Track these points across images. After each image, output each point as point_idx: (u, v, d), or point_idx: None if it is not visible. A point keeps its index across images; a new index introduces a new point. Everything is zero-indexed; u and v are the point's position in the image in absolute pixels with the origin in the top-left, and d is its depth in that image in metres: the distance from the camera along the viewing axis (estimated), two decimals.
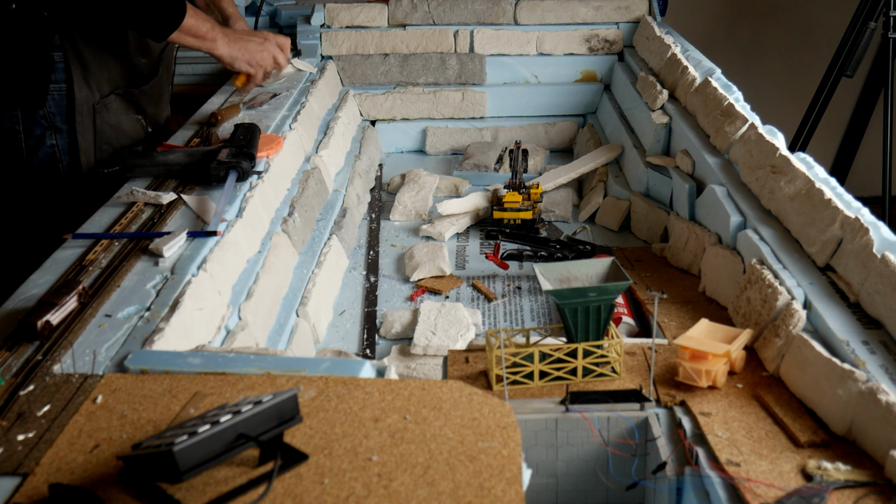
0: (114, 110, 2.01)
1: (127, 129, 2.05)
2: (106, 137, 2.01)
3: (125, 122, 2.04)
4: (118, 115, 2.02)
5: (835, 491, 0.91)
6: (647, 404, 1.11)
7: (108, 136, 2.01)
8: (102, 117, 1.99)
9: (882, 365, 1.06)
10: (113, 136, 2.02)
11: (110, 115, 2.01)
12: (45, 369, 1.04)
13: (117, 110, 2.02)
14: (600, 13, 2.64)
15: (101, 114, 1.99)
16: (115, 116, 2.02)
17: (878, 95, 3.69)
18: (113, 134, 2.02)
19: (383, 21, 2.65)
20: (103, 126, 2.00)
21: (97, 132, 1.99)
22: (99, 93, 1.98)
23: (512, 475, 0.83)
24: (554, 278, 1.23)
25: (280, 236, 1.59)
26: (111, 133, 2.02)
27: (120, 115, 2.03)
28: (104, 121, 2.00)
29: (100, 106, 1.98)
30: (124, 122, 2.04)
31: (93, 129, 1.98)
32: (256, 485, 0.82)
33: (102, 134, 2.00)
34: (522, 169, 2.13)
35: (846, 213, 1.27)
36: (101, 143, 2.00)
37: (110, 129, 2.01)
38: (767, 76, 3.87)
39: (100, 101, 1.98)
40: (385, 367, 1.05)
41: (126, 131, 2.05)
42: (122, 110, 2.03)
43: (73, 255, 1.34)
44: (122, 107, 2.03)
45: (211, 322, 1.24)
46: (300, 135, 2.02)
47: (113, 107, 2.01)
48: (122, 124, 2.04)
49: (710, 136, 1.81)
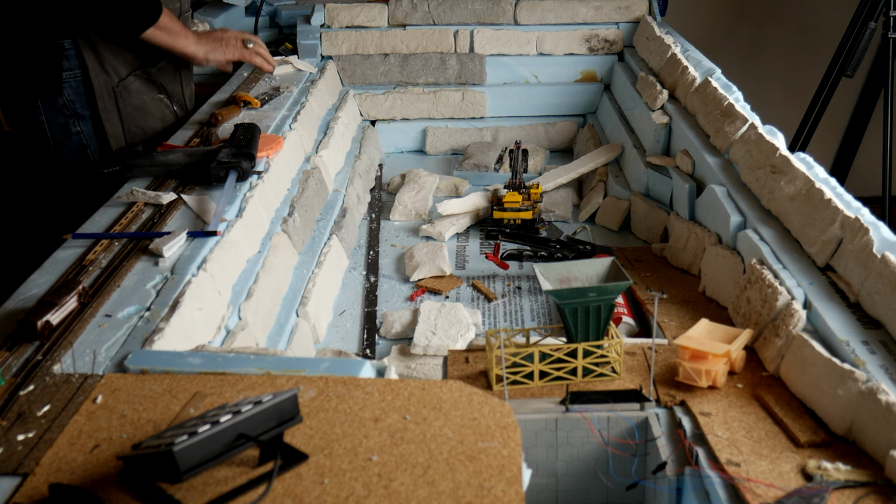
0: (135, 91, 2.03)
1: (152, 109, 2.07)
2: (133, 119, 2.03)
3: (148, 102, 2.06)
4: (140, 95, 2.04)
5: (835, 491, 0.91)
6: (647, 404, 1.11)
7: (135, 118, 2.03)
8: (125, 99, 2.01)
9: (882, 365, 1.06)
10: (140, 118, 2.04)
11: (132, 97, 2.03)
12: (45, 369, 1.04)
13: (139, 91, 2.04)
14: (600, 13, 2.64)
15: (123, 96, 2.01)
16: (137, 97, 2.04)
17: (878, 95, 3.69)
18: (139, 115, 2.04)
19: (383, 21, 2.65)
20: (127, 108, 2.02)
21: (122, 115, 2.01)
22: (117, 76, 2.00)
23: (512, 475, 0.83)
24: (554, 278, 1.23)
25: (280, 236, 1.59)
26: (137, 115, 2.04)
27: (142, 95, 2.05)
28: (127, 103, 2.02)
29: (119, 88, 2.00)
30: (147, 102, 2.06)
31: (117, 112, 2.00)
32: (256, 485, 0.82)
33: (129, 116, 2.02)
34: (522, 169, 2.13)
35: (846, 213, 1.27)
36: (130, 126, 2.03)
37: (135, 110, 2.04)
38: (767, 76, 3.87)
39: (118, 83, 2.00)
40: (385, 367, 1.05)
41: (151, 111, 2.07)
42: (144, 90, 2.05)
43: (73, 255, 1.34)
44: (142, 87, 2.05)
45: (211, 322, 1.24)
46: (300, 135, 2.02)
47: (133, 88, 2.03)
48: (146, 105, 2.06)
49: (710, 136, 1.81)
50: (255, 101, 2.11)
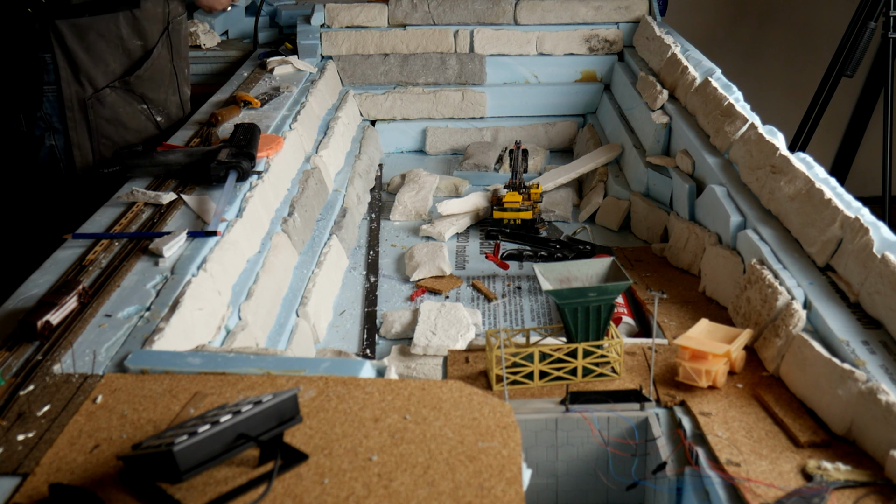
0: (109, 104, 1.99)
1: (127, 121, 2.03)
2: (104, 132, 1.99)
3: (124, 115, 2.02)
4: (115, 108, 2.00)
5: (835, 491, 0.91)
6: (647, 404, 1.11)
7: (106, 131, 2.00)
8: (96, 112, 1.97)
9: (882, 365, 1.06)
10: (113, 131, 2.00)
11: (105, 110, 1.99)
12: (45, 369, 1.04)
13: (113, 104, 2.00)
14: (600, 13, 2.64)
15: (95, 108, 1.97)
16: (110, 110, 2.00)
17: (878, 95, 3.69)
18: (112, 128, 2.00)
19: (383, 21, 2.65)
20: (98, 121, 1.98)
21: (91, 128, 1.97)
22: (91, 87, 1.96)
23: (512, 475, 0.83)
24: (554, 278, 1.23)
25: (280, 236, 1.59)
26: (109, 128, 2.00)
27: (117, 108, 2.01)
28: (99, 115, 1.98)
29: (92, 101, 1.96)
30: (123, 115, 2.02)
31: (86, 124, 1.97)
32: (256, 485, 0.82)
33: (99, 129, 1.98)
34: (522, 169, 2.13)
35: (846, 213, 1.27)
36: (99, 139, 1.99)
37: (107, 123, 2.00)
38: (767, 76, 3.87)
39: (91, 95, 1.96)
40: (385, 367, 1.05)
41: (126, 124, 2.03)
42: (120, 103, 2.01)
43: (73, 255, 1.34)
44: (119, 99, 2.01)
45: (211, 322, 1.24)
46: (300, 135, 2.02)
47: (108, 100, 1.99)
48: (120, 117, 2.02)
49: (710, 136, 1.81)
50: (255, 101, 2.11)
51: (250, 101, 2.10)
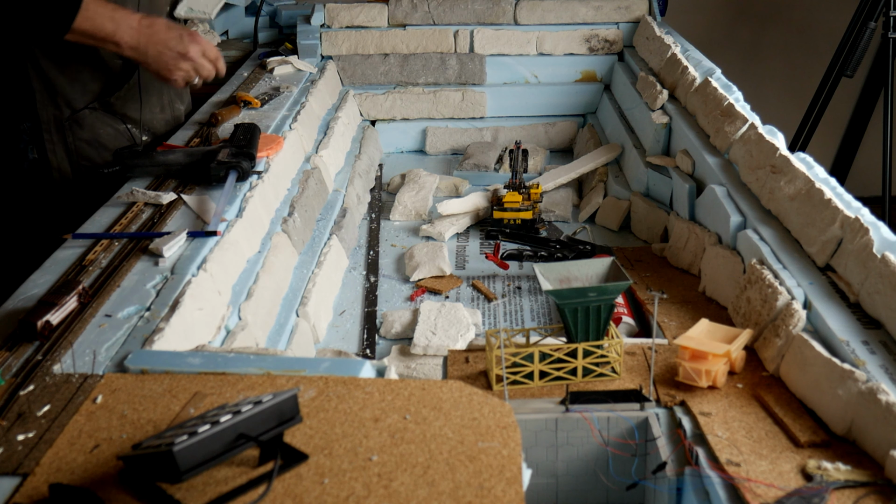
0: (88, 125, 1.92)
1: (108, 142, 1.94)
2: (83, 153, 1.93)
3: (105, 136, 1.94)
4: (94, 129, 1.93)
5: (835, 491, 0.91)
6: (647, 404, 1.11)
7: (85, 152, 1.93)
8: (75, 134, 1.91)
9: (882, 365, 1.06)
10: (93, 153, 1.93)
11: (84, 132, 1.92)
12: (45, 369, 1.04)
13: (93, 124, 1.92)
14: (600, 13, 2.64)
15: (73, 130, 1.90)
16: (89, 132, 1.92)
17: (878, 95, 3.69)
18: (92, 150, 1.93)
19: (383, 21, 2.65)
20: (77, 143, 1.91)
21: (70, 149, 1.91)
22: (69, 108, 1.89)
23: (512, 475, 0.83)
24: (554, 278, 1.23)
25: (280, 236, 1.59)
26: (89, 148, 1.93)
27: (97, 129, 1.93)
28: (78, 137, 1.91)
29: (69, 122, 1.89)
30: (104, 136, 1.94)
31: (63, 146, 1.91)
32: (256, 485, 0.82)
33: (79, 151, 1.92)
34: (522, 169, 2.13)
35: (846, 213, 1.27)
36: (80, 160, 1.93)
37: (87, 145, 1.92)
38: (767, 76, 3.87)
39: (69, 116, 1.89)
40: (385, 367, 1.05)
41: (107, 145, 1.93)
42: (100, 124, 1.93)
43: (73, 255, 1.34)
44: (99, 119, 1.93)
45: (211, 322, 1.24)
46: (300, 135, 2.02)
47: (87, 121, 1.91)
48: (100, 138, 1.94)
49: (710, 136, 1.81)
50: (255, 101, 2.11)
51: (250, 101, 2.10)
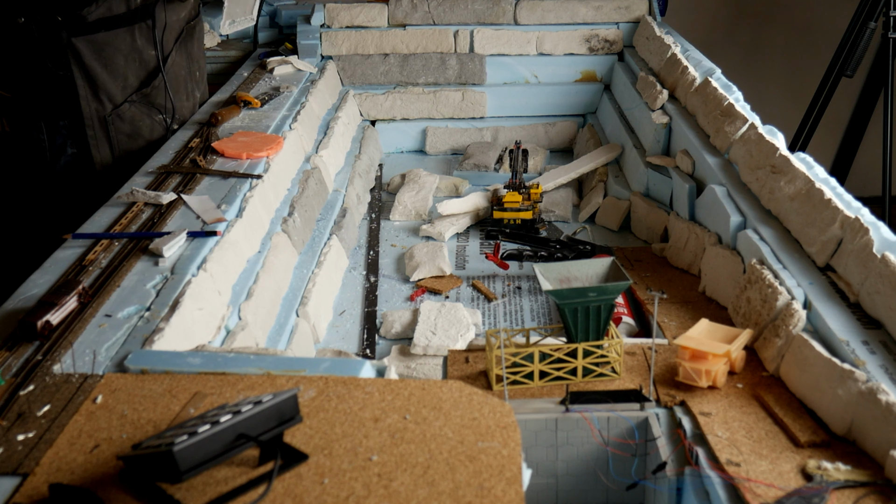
0: (129, 118, 2.00)
1: (146, 133, 2.03)
2: (123, 146, 2.00)
3: (143, 127, 2.03)
4: (134, 122, 2.01)
5: (835, 491, 0.91)
6: (647, 404, 1.11)
7: (125, 145, 2.00)
8: (117, 128, 1.98)
9: (882, 365, 1.06)
10: (132, 144, 2.01)
11: (125, 125, 1.99)
12: (45, 369, 1.04)
13: (133, 117, 2.00)
14: (600, 13, 2.64)
15: (116, 125, 1.97)
16: (130, 125, 2.00)
17: (878, 95, 3.69)
18: (131, 142, 2.01)
19: (383, 21, 2.65)
20: (119, 136, 1.98)
21: (113, 144, 1.98)
22: (111, 103, 1.96)
23: (512, 475, 0.83)
24: (554, 278, 1.23)
25: (280, 236, 1.59)
26: (128, 141, 2.00)
27: (136, 121, 2.01)
28: (120, 131, 1.98)
29: (112, 117, 1.96)
30: (142, 127, 2.03)
31: (107, 141, 1.97)
32: (256, 485, 0.82)
33: (120, 145, 1.99)
34: (522, 169, 2.13)
35: (846, 213, 1.27)
36: (120, 154, 1.99)
37: (127, 137, 2.00)
38: (767, 76, 3.87)
39: (112, 112, 1.96)
40: (385, 367, 1.05)
41: (144, 135, 2.03)
42: (139, 116, 2.01)
43: (73, 255, 1.34)
44: (138, 112, 2.01)
45: (211, 322, 1.24)
46: (300, 135, 2.02)
47: (127, 115, 1.99)
48: (140, 130, 2.02)
49: (710, 136, 1.81)
50: (255, 101, 2.11)
51: (250, 101, 2.11)
